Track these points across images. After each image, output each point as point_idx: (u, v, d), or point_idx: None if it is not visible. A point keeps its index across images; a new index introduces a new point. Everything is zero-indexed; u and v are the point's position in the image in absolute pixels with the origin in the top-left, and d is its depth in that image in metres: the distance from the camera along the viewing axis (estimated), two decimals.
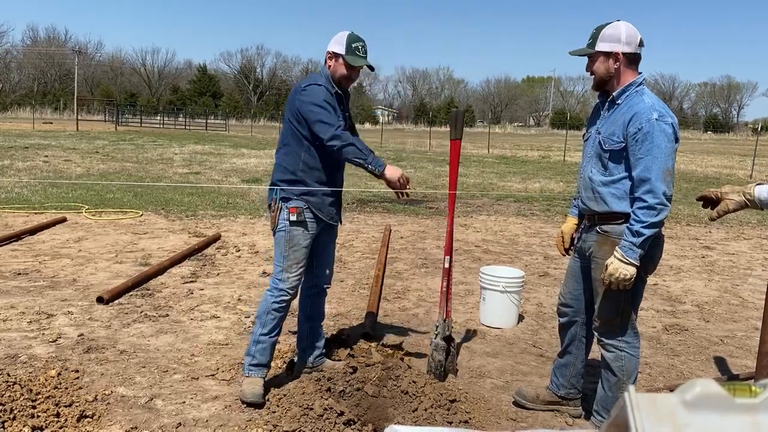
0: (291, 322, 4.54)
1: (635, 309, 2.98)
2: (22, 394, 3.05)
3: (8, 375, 3.24)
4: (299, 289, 3.47)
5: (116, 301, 4.87)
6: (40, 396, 3.10)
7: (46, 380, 3.31)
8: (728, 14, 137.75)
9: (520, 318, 4.83)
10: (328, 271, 3.65)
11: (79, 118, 42.78)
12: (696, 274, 6.61)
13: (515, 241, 8.01)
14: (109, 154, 18.74)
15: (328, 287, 3.73)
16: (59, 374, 3.43)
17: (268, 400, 3.23)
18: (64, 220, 8.17)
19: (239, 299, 5.08)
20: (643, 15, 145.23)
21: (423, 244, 7.66)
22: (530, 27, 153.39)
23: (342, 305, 5.06)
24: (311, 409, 2.95)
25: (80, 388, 3.34)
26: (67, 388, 3.28)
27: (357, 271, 6.18)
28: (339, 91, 3.34)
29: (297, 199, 3.28)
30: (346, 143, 3.14)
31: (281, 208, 3.30)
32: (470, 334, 4.50)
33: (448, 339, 3.67)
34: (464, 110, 3.81)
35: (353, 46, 3.27)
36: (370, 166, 3.17)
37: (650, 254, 2.78)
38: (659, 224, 2.71)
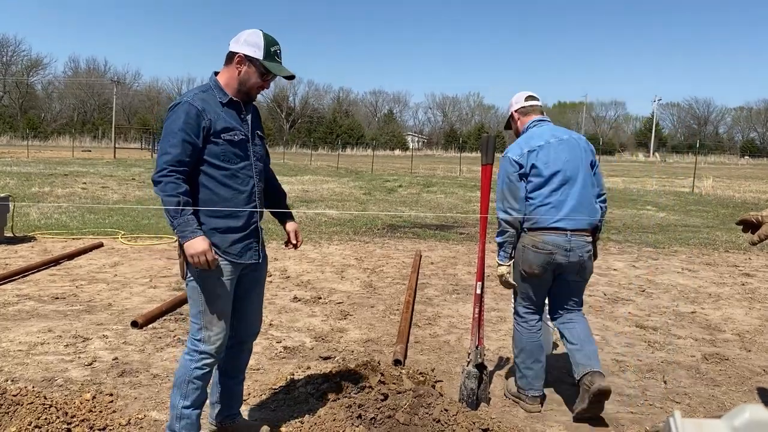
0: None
1: (522, 298, 3.70)
2: (58, 417, 3.09)
3: (45, 398, 3.29)
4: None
5: (150, 326, 4.93)
6: (75, 419, 3.14)
7: (81, 403, 3.35)
8: (765, 37, 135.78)
9: (554, 346, 4.74)
10: (251, 323, 3.06)
11: (117, 146, 43.95)
12: (736, 302, 6.43)
13: None
14: (145, 181, 19.13)
15: (252, 340, 3.14)
16: (94, 398, 3.47)
17: (301, 423, 3.21)
18: (100, 245, 8.34)
19: (270, 324, 5.09)
20: (676, 40, 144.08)
21: (454, 269, 7.61)
22: (561, 52, 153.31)
23: (372, 331, 5.04)
24: None
25: (114, 411, 3.37)
26: (101, 412, 3.31)
27: (387, 297, 6.16)
28: (235, 99, 2.80)
29: None
30: (165, 193, 2.60)
31: None
32: (503, 362, 4.43)
33: (481, 366, 3.62)
34: (495, 135, 3.79)
35: (272, 50, 2.76)
36: (175, 231, 2.64)
37: (522, 258, 3.54)
38: (501, 234, 3.56)
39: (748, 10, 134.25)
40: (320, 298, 6.01)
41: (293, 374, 3.96)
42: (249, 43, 2.74)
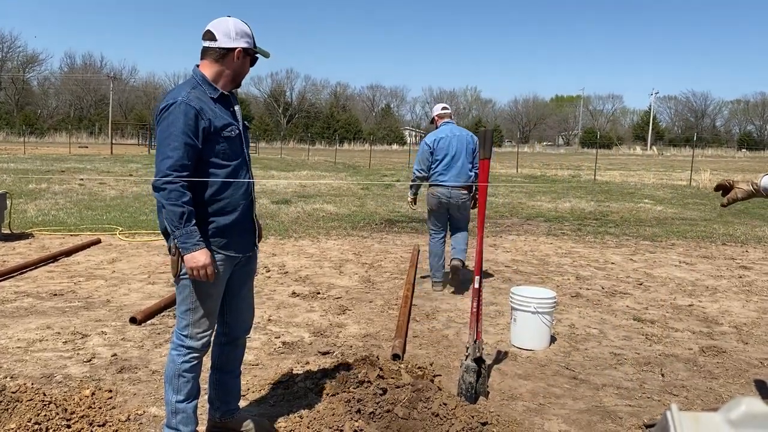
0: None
1: (431, 225, 6.35)
2: (57, 413, 3.09)
3: (44, 394, 3.30)
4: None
5: (149, 322, 4.93)
6: (74, 415, 3.15)
7: (80, 400, 3.35)
8: (762, 30, 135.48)
9: (552, 339, 4.76)
10: (244, 319, 3.06)
11: (114, 141, 43.82)
12: (733, 295, 6.45)
13: (546, 261, 7.92)
14: (143, 177, 19.09)
15: (247, 336, 3.14)
16: (93, 394, 3.47)
17: (300, 418, 3.21)
18: (98, 241, 8.33)
19: (269, 319, 5.10)
20: (673, 33, 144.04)
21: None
22: (558, 46, 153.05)
23: (371, 326, 5.04)
24: (341, 431, 2.93)
25: (113, 407, 3.38)
26: (100, 408, 3.32)
27: (386, 292, 6.17)
28: (225, 93, 2.79)
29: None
30: (169, 202, 2.55)
31: None
32: (501, 356, 4.44)
33: (479, 360, 3.63)
34: (492, 130, 3.80)
35: (254, 35, 2.81)
36: (176, 240, 2.60)
37: (428, 200, 6.18)
38: (413, 182, 6.39)
39: (745, 3, 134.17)
40: (319, 293, 6.02)
41: (292, 369, 3.97)
42: (240, 35, 2.75)
